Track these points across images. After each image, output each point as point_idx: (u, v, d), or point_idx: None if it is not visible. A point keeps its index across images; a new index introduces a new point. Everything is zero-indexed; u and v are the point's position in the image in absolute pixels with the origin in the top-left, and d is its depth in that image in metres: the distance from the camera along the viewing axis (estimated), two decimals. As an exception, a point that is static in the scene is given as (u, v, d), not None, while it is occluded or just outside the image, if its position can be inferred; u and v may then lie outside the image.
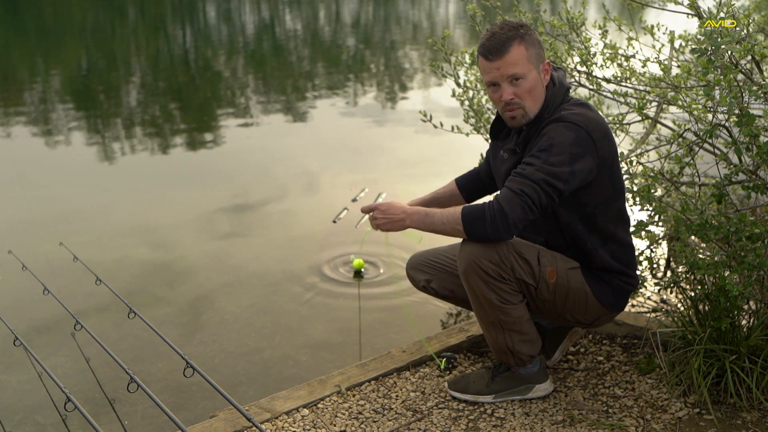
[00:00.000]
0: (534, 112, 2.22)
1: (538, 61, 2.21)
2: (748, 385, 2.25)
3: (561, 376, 2.58)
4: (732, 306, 2.26)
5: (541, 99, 2.22)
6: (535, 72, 2.20)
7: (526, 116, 2.22)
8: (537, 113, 2.22)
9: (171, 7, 20.79)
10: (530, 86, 2.19)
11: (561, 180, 2.10)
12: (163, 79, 10.89)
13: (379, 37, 15.72)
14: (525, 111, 2.21)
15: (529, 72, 2.19)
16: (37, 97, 9.39)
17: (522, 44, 2.17)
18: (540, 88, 2.22)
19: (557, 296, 2.27)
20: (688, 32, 3.42)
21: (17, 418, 2.72)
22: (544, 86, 2.24)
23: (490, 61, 2.19)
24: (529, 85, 2.19)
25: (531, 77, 2.19)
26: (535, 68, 2.20)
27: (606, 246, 2.29)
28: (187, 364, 2.18)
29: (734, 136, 2.33)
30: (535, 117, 2.23)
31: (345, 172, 5.80)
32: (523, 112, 2.22)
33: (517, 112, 2.22)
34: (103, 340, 2.43)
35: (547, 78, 2.25)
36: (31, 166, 6.19)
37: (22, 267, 3.26)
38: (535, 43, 2.21)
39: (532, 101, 2.21)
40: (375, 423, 2.33)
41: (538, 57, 2.22)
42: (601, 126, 2.19)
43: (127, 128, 7.60)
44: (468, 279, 2.22)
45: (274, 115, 8.15)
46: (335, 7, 21.31)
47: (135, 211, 4.99)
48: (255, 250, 4.29)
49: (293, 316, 3.48)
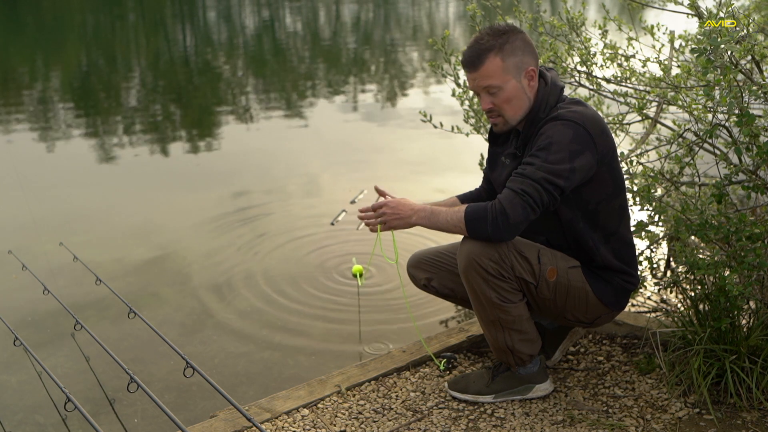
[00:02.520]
0: (516, 119, 2.26)
1: (518, 70, 2.21)
2: (748, 385, 2.25)
3: (561, 376, 2.58)
4: (732, 306, 2.26)
5: (523, 106, 2.24)
6: (513, 81, 2.21)
7: (507, 123, 2.28)
8: (522, 117, 2.25)
9: (171, 10, 20.79)
10: (508, 96, 2.22)
11: (561, 177, 2.11)
12: (163, 78, 10.89)
13: (379, 37, 15.72)
14: (505, 119, 2.26)
15: (506, 83, 2.21)
16: (37, 96, 9.39)
17: (498, 55, 2.18)
18: (521, 95, 2.23)
19: (557, 295, 2.27)
20: (688, 32, 3.42)
21: (17, 418, 2.72)
22: (528, 93, 2.24)
23: (467, 72, 2.25)
24: (507, 95, 2.22)
25: (509, 87, 2.21)
26: (513, 77, 2.21)
27: (608, 244, 2.29)
28: (187, 364, 2.19)
29: (734, 136, 2.33)
30: (530, 118, 2.23)
31: (345, 172, 5.80)
32: (503, 120, 2.27)
33: (497, 120, 2.29)
34: (103, 340, 2.44)
35: (532, 84, 2.24)
36: (31, 166, 6.19)
37: (22, 267, 3.26)
38: (515, 52, 2.20)
39: (512, 110, 2.24)
40: (375, 423, 2.33)
41: (518, 66, 2.21)
42: (599, 122, 2.19)
43: (127, 128, 7.60)
44: (468, 277, 2.22)
45: (274, 115, 8.15)
46: (335, 8, 21.32)
47: (135, 211, 4.99)
48: (255, 249, 4.29)
49: (293, 316, 3.48)
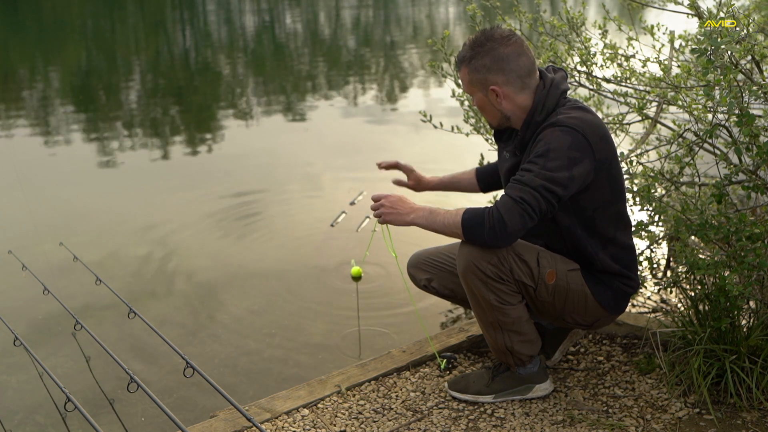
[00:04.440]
0: (495, 124, 2.34)
1: (482, 86, 2.24)
2: (748, 385, 2.25)
3: (561, 376, 2.58)
4: (732, 306, 2.26)
5: (495, 116, 2.30)
6: (480, 94, 2.27)
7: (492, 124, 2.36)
8: (500, 125, 2.32)
9: (170, 10, 20.77)
10: (479, 105, 2.32)
11: (560, 185, 2.10)
12: (163, 78, 10.89)
13: (379, 37, 15.72)
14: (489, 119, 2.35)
15: (474, 94, 2.29)
16: (37, 96, 9.39)
17: (466, 68, 2.25)
18: (489, 108, 2.29)
19: (556, 298, 2.27)
20: (688, 32, 3.41)
21: (17, 418, 2.72)
22: (498, 107, 2.25)
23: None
24: (478, 104, 2.32)
25: (477, 98, 2.30)
26: (479, 91, 2.26)
27: (606, 249, 2.29)
28: (187, 364, 2.18)
29: (734, 136, 2.33)
30: (527, 121, 2.23)
31: (345, 172, 5.80)
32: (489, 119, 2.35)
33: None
34: (103, 340, 2.43)
35: (500, 101, 2.23)
36: (30, 166, 6.19)
37: (22, 267, 3.26)
38: (479, 70, 2.21)
39: (486, 116, 2.34)
40: (375, 423, 2.33)
41: (482, 83, 2.23)
42: (599, 128, 2.18)
43: (127, 128, 7.60)
44: (466, 280, 2.22)
45: (274, 115, 8.15)
46: (335, 7, 21.31)
47: (135, 211, 4.99)
48: (255, 250, 4.29)
49: (293, 316, 3.48)
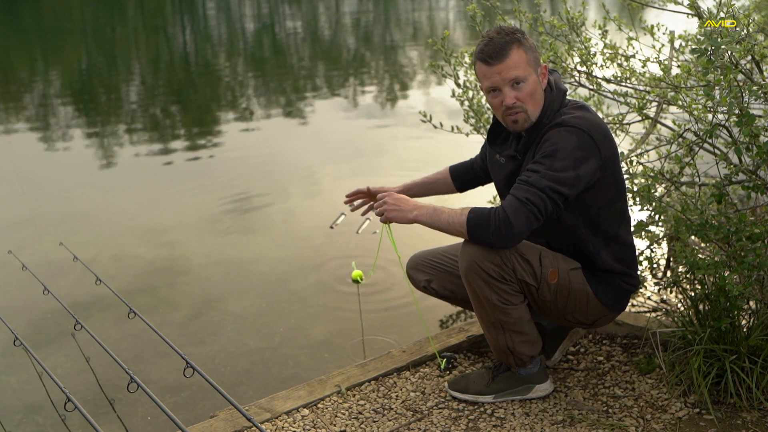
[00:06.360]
0: (535, 115, 2.20)
1: (536, 65, 2.21)
2: (748, 385, 2.25)
3: (561, 376, 2.58)
4: (732, 306, 2.26)
5: (541, 102, 2.21)
6: (534, 75, 2.20)
7: (528, 120, 2.20)
8: (539, 115, 2.20)
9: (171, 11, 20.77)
10: (531, 90, 2.18)
11: (567, 185, 2.09)
12: (163, 78, 10.89)
13: (379, 37, 15.72)
14: (527, 114, 2.19)
15: (530, 75, 2.18)
16: (37, 96, 9.39)
17: (521, 48, 2.17)
18: (540, 91, 2.21)
19: (558, 297, 2.27)
20: (688, 32, 3.42)
21: (17, 418, 2.72)
22: (542, 90, 2.23)
23: (490, 65, 2.17)
24: (530, 89, 2.18)
25: (531, 80, 2.18)
26: (534, 72, 2.20)
27: (608, 248, 2.29)
28: (187, 364, 2.18)
29: (734, 136, 2.33)
30: (537, 123, 2.21)
31: (345, 172, 5.80)
32: (525, 116, 2.20)
33: (519, 116, 2.20)
34: (103, 340, 2.43)
35: (545, 81, 2.24)
36: (30, 166, 6.19)
37: (22, 267, 3.26)
38: (532, 47, 2.21)
39: (533, 105, 2.19)
40: (375, 423, 2.33)
41: (536, 61, 2.22)
42: (601, 128, 2.19)
43: (127, 128, 7.60)
44: (469, 279, 2.22)
45: (274, 115, 8.15)
46: (335, 8, 21.30)
47: (135, 211, 4.99)
48: (255, 250, 4.29)
49: (293, 316, 3.48)
